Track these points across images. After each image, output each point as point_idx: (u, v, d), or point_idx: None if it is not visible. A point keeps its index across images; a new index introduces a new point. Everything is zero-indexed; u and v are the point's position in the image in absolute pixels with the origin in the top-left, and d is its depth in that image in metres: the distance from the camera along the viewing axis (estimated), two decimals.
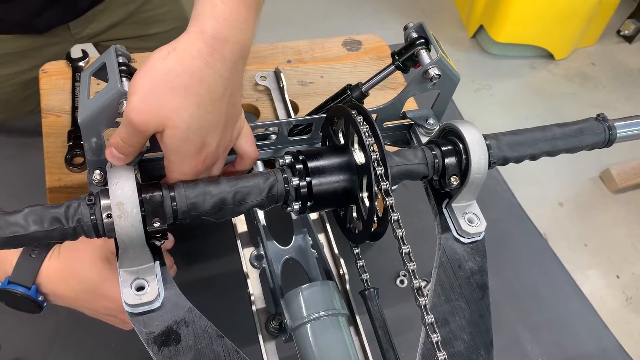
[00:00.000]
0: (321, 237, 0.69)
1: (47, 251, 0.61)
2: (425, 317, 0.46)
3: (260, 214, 0.69)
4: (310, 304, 0.58)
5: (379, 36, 0.94)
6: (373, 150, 0.50)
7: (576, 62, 2.64)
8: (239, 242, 0.66)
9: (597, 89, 2.54)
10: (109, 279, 0.60)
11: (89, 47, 0.95)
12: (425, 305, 0.46)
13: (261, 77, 0.83)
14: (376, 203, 0.50)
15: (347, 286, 0.65)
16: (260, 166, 0.69)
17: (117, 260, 0.50)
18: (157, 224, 0.48)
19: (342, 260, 0.66)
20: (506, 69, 2.57)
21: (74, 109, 0.74)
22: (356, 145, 0.54)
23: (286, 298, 0.60)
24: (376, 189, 0.49)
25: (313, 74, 0.86)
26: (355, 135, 0.53)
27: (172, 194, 0.50)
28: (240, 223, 0.68)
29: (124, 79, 0.51)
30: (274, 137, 0.66)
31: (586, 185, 2.18)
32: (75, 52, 0.86)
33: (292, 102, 0.81)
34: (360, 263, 0.62)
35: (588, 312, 0.97)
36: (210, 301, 0.75)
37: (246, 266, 0.65)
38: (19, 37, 0.90)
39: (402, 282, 0.93)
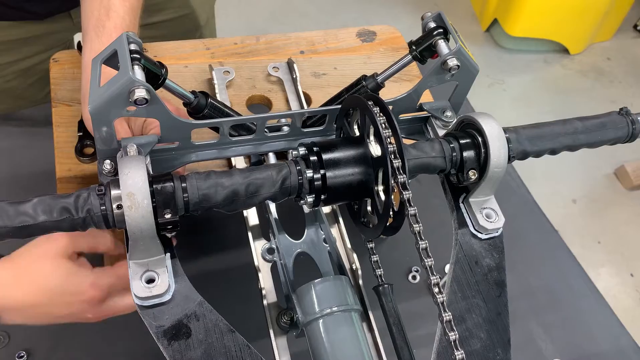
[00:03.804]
0: (333, 231, 0.68)
1: None
2: (443, 315, 0.44)
3: (272, 206, 0.68)
4: (322, 299, 0.57)
5: (393, 27, 0.92)
6: (390, 143, 0.48)
7: (591, 57, 2.60)
8: (250, 235, 0.65)
9: (613, 84, 2.50)
10: (74, 274, 0.56)
11: None
12: (442, 303, 0.44)
13: (274, 67, 0.81)
14: (392, 197, 0.49)
15: (360, 281, 0.63)
16: (272, 158, 0.68)
17: (127, 252, 0.49)
18: (168, 216, 0.47)
19: (354, 255, 0.65)
20: (520, 64, 2.54)
21: None
22: (372, 137, 0.53)
23: (298, 293, 0.59)
24: (393, 182, 0.48)
25: (326, 65, 0.84)
26: (371, 127, 0.52)
27: (183, 185, 0.49)
28: (252, 216, 0.67)
29: (136, 66, 0.50)
30: (286, 128, 0.64)
31: (600, 182, 2.15)
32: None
33: (305, 94, 0.80)
34: (375, 258, 0.61)
35: (603, 311, 0.95)
36: (220, 294, 0.74)
37: (257, 260, 0.64)
38: (20, 23, 0.89)
39: (414, 277, 0.92)
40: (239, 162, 0.70)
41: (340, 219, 0.68)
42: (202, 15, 1.06)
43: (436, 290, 0.45)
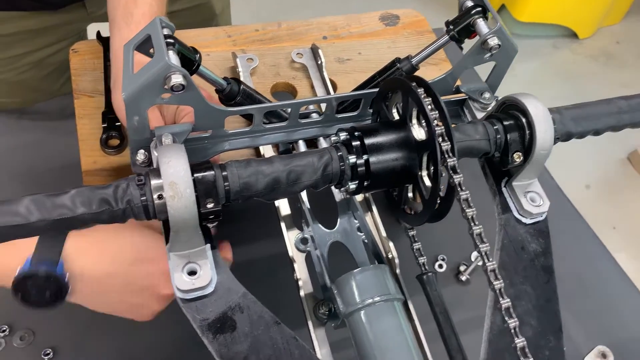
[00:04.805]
0: (367, 220, 0.66)
1: None
2: (501, 302, 0.43)
3: (304, 195, 0.66)
4: (363, 289, 0.56)
5: (416, 10, 0.90)
6: (437, 125, 0.46)
7: (601, 41, 2.57)
8: (283, 225, 0.64)
9: (623, 68, 2.47)
10: (158, 239, 0.55)
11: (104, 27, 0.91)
12: (500, 289, 0.43)
13: (297, 54, 0.79)
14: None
15: (397, 270, 0.62)
16: (302, 146, 0.66)
17: (167, 243, 0.47)
18: (210, 205, 0.45)
19: (391, 244, 0.63)
20: (529, 49, 2.51)
21: (107, 89, 0.71)
22: (414, 121, 0.51)
23: (337, 283, 0.57)
24: (441, 165, 0.46)
25: (350, 50, 0.82)
26: (414, 109, 0.50)
27: (224, 173, 0.47)
28: (283, 206, 0.66)
29: (170, 51, 0.48)
30: (315, 115, 0.63)
31: (613, 167, 2.13)
32: (93, 31, 0.83)
33: (329, 80, 0.78)
34: (417, 246, 0.59)
35: (634, 296, 0.93)
36: (253, 286, 0.73)
37: (292, 250, 0.62)
38: (34, 14, 0.88)
39: (440, 266, 0.90)
40: (267, 152, 0.69)
41: (374, 207, 0.66)
42: (218, 4, 1.04)
43: (493, 276, 0.43)
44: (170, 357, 0.77)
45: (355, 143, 0.50)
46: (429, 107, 0.47)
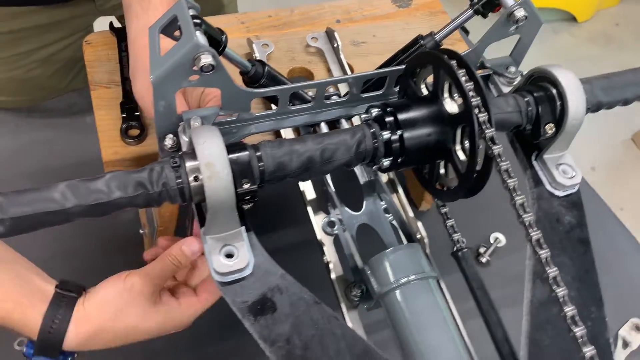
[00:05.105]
0: (394, 201, 0.65)
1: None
2: (548, 271, 0.42)
3: (329, 178, 0.65)
4: (397, 268, 0.55)
5: None
6: (473, 96, 0.46)
7: (599, 24, 2.56)
8: (310, 210, 0.63)
9: (622, 50, 2.46)
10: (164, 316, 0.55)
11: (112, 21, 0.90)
12: (547, 258, 0.42)
13: (312, 38, 0.78)
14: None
15: (427, 250, 0.61)
16: (324, 128, 0.65)
17: (203, 226, 0.46)
18: (246, 185, 0.45)
19: (419, 224, 0.62)
20: None
21: (124, 79, 0.70)
22: (446, 94, 0.50)
23: (370, 264, 0.56)
24: (479, 137, 0.46)
25: (365, 33, 0.81)
26: (447, 82, 0.49)
27: (258, 153, 0.46)
28: (308, 190, 0.65)
29: (198, 32, 0.47)
30: (335, 97, 0.62)
31: (618, 148, 2.13)
32: (104, 23, 0.81)
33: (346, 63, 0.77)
34: (450, 222, 0.58)
35: None
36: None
37: (320, 233, 0.62)
38: (42, 9, 0.86)
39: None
40: (289, 136, 0.68)
41: (399, 188, 0.66)
42: None
43: (537, 246, 0.43)
44: (187, 349, 0.76)
45: (389, 119, 0.49)
46: (464, 78, 0.46)
